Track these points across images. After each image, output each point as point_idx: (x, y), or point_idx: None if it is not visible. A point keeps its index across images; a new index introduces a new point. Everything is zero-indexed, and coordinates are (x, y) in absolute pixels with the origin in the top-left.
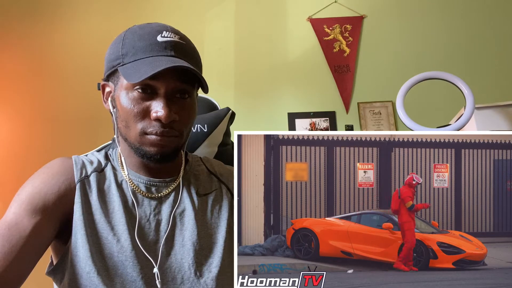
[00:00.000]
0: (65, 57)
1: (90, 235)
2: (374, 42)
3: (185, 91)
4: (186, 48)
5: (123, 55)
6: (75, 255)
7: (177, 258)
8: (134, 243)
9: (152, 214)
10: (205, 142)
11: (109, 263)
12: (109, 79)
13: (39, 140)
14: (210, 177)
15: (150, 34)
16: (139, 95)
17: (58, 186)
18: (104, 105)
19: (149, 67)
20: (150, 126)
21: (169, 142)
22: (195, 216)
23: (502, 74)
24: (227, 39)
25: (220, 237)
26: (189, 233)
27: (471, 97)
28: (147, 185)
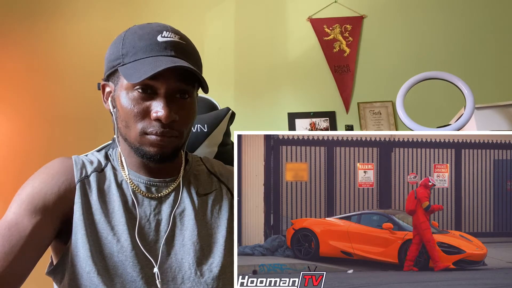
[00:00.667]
0: (65, 57)
1: (90, 235)
2: (374, 42)
3: (185, 91)
4: (186, 48)
5: (123, 55)
6: (75, 255)
7: (177, 258)
8: (134, 243)
9: (152, 214)
10: (205, 142)
11: (109, 263)
12: (109, 79)
13: (39, 140)
14: (210, 177)
15: (150, 34)
16: (139, 95)
17: (58, 186)
18: (104, 105)
19: (149, 67)
20: (150, 126)
21: (169, 142)
22: (195, 216)
23: (502, 74)
24: (227, 39)
25: (220, 237)
26: (189, 233)
27: (471, 97)
28: (147, 185)
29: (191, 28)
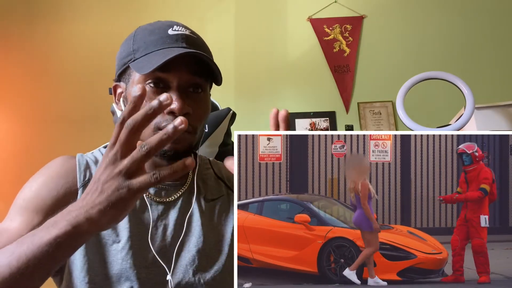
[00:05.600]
0: (65, 58)
1: (94, 243)
2: (374, 42)
3: (198, 85)
4: (197, 41)
5: (135, 51)
6: (72, 262)
7: (182, 264)
8: (141, 250)
9: (160, 219)
10: (206, 142)
11: (113, 271)
12: (120, 79)
13: (39, 140)
14: (217, 182)
15: (160, 28)
16: (151, 89)
17: (57, 190)
18: (116, 107)
19: (161, 56)
20: (164, 121)
21: (183, 137)
22: (202, 221)
23: (502, 74)
24: (227, 39)
25: (226, 245)
26: (195, 239)
27: (471, 97)
28: (156, 187)
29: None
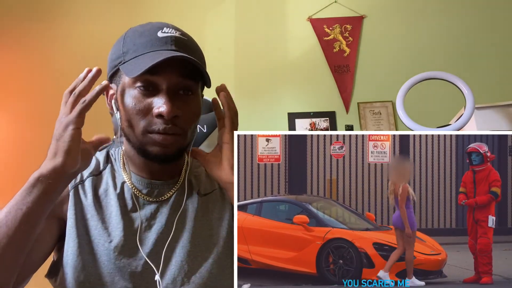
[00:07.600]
0: (65, 58)
1: (87, 243)
2: (374, 42)
3: (188, 87)
4: (187, 43)
5: (124, 53)
6: (66, 263)
7: (177, 260)
8: (134, 249)
9: (152, 218)
10: (205, 142)
11: (106, 270)
12: (112, 80)
13: (39, 140)
14: (209, 178)
15: (150, 30)
16: (141, 92)
17: None
18: (108, 108)
19: (149, 59)
20: (153, 124)
21: (172, 141)
22: (196, 216)
23: (502, 74)
24: (227, 39)
25: (221, 238)
26: (190, 234)
27: (471, 97)
28: (149, 187)
29: (191, 28)
